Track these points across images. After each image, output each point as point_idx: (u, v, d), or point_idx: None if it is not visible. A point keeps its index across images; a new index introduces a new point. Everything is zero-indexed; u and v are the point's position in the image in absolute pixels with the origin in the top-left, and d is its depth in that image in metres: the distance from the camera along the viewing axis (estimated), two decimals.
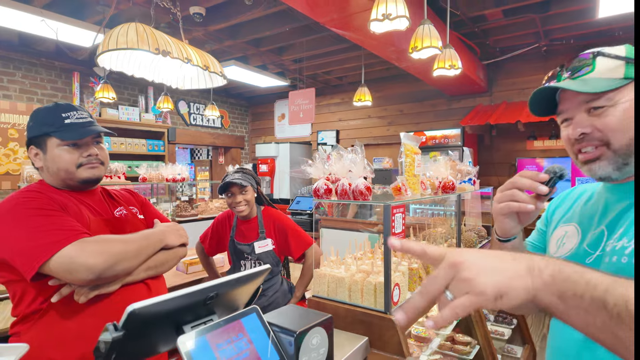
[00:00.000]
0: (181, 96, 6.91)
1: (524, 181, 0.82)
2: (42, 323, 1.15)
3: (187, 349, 0.76)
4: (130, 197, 1.48)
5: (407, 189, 1.65)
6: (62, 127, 1.20)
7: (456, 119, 5.55)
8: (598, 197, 0.92)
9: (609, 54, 0.79)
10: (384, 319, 1.35)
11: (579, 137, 0.81)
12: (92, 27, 3.64)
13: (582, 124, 0.81)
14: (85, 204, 1.28)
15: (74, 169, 1.22)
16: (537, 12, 3.90)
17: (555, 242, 0.94)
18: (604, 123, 0.78)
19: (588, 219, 0.89)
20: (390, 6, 1.88)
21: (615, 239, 0.79)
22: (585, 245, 0.86)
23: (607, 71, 0.79)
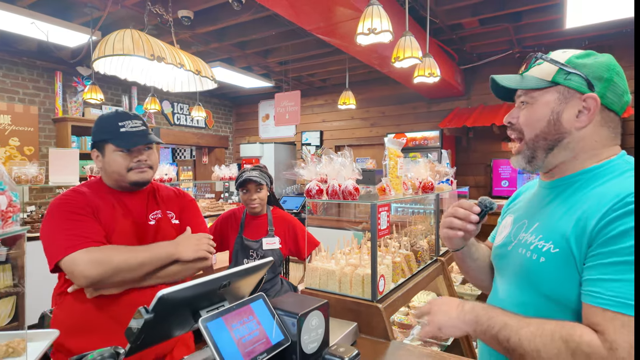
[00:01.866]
0: (165, 96, 6.91)
1: (460, 212, 0.98)
2: (63, 306, 1.31)
3: (206, 327, 0.88)
4: (174, 200, 1.54)
5: (391, 189, 1.81)
6: (118, 135, 1.35)
7: (435, 121, 5.78)
8: (533, 193, 1.03)
9: (551, 59, 0.87)
10: (371, 306, 1.50)
11: (507, 124, 0.95)
12: (79, 29, 3.66)
13: (512, 114, 0.93)
14: (124, 205, 1.40)
15: (124, 172, 1.36)
16: (510, 21, 4.15)
17: (500, 231, 1.07)
18: (522, 117, 0.90)
19: (521, 211, 1.00)
20: (376, 21, 2.03)
21: (530, 232, 0.89)
22: (511, 234, 0.97)
23: (543, 72, 0.88)
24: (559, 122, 0.85)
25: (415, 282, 1.83)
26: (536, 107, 0.88)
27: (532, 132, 0.88)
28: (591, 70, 0.84)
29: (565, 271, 0.78)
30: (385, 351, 1.38)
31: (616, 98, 0.84)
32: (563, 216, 0.83)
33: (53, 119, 5.31)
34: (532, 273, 0.85)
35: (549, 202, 0.90)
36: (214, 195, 5.75)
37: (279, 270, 2.16)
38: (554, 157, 0.88)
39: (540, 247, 0.84)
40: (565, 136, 0.86)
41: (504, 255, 0.97)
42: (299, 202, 5.31)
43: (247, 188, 2.11)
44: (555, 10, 3.77)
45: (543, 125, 0.87)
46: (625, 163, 0.84)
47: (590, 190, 0.82)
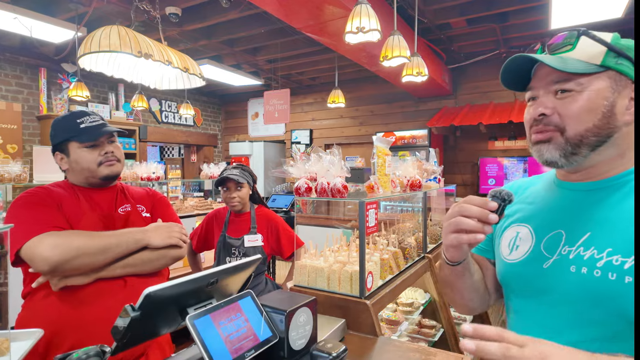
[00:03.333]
0: (153, 94, 6.83)
1: (473, 210, 0.75)
2: (28, 304, 1.27)
3: (194, 325, 0.88)
4: (144, 197, 1.54)
5: (379, 187, 1.82)
6: (80, 131, 1.34)
7: (423, 120, 5.83)
8: (547, 195, 0.87)
9: (594, 36, 0.73)
10: (359, 303, 1.51)
11: (539, 117, 0.77)
12: (63, 24, 3.60)
13: (546, 104, 0.76)
14: (91, 200, 1.38)
15: (95, 167, 1.36)
16: (497, 22, 4.21)
17: (507, 244, 0.89)
18: (567, 108, 0.74)
19: (543, 220, 0.84)
20: (364, 20, 2.05)
21: (580, 244, 0.75)
22: (542, 248, 0.81)
23: (588, 54, 0.74)
24: (613, 115, 0.72)
25: (403, 279, 1.85)
26: (587, 96, 0.73)
27: (581, 126, 0.73)
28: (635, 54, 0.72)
29: None
30: (373, 347, 1.40)
31: None
32: (632, 223, 0.69)
33: (37, 117, 5.20)
34: (613, 296, 0.68)
35: (596, 207, 0.76)
36: (202, 193, 5.71)
37: (263, 269, 2.16)
38: (598, 155, 0.75)
39: (618, 264, 0.68)
40: (615, 131, 0.73)
41: (538, 275, 0.79)
42: (288, 200, 5.31)
43: (227, 186, 2.12)
44: (541, 11, 3.83)
45: (597, 118, 0.72)
46: None
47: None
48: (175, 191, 7.91)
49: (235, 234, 2.15)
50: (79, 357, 0.78)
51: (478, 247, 1.01)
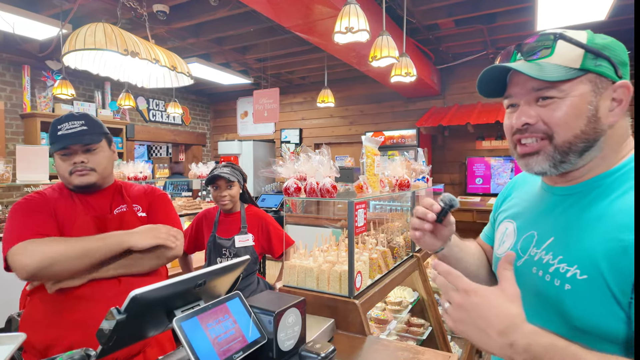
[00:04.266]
0: (140, 92, 6.74)
1: (419, 211, 0.89)
2: (30, 304, 1.31)
3: (181, 327, 0.87)
4: (142, 195, 1.52)
5: (368, 187, 1.83)
6: (56, 139, 1.34)
7: (412, 120, 5.87)
8: (535, 194, 0.89)
9: (570, 39, 0.70)
10: (348, 302, 1.52)
11: (522, 127, 0.75)
12: (47, 21, 3.52)
13: (528, 113, 0.74)
14: (86, 202, 1.40)
15: (67, 175, 1.37)
16: (485, 23, 4.26)
17: (498, 238, 0.93)
18: (551, 115, 0.71)
19: (525, 219, 0.87)
20: (353, 20, 2.05)
21: (544, 249, 0.77)
22: (518, 247, 0.84)
23: (566, 58, 0.71)
24: (598, 119, 0.70)
25: (392, 278, 1.87)
26: (570, 103, 0.70)
27: (569, 133, 0.71)
28: (615, 53, 0.70)
29: (599, 302, 0.65)
30: (362, 346, 1.40)
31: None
32: (585, 234, 0.70)
33: (21, 115, 5.09)
34: (556, 301, 0.71)
35: (563, 213, 0.76)
36: (191, 193, 5.66)
37: (255, 269, 2.15)
38: (584, 160, 0.73)
39: (563, 272, 0.70)
40: (602, 134, 0.71)
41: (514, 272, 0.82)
42: (278, 200, 5.30)
43: (217, 184, 2.10)
44: (527, 12, 3.89)
45: (583, 124, 0.70)
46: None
47: (614, 201, 0.69)
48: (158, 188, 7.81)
49: (226, 234, 2.14)
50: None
51: (486, 236, 1.07)
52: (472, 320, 0.65)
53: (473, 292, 0.65)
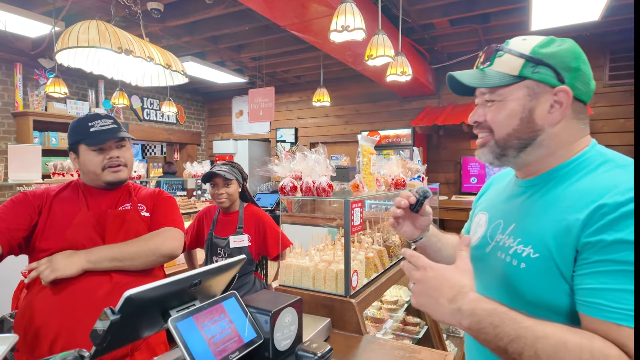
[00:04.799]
0: (134, 91, 6.69)
1: (396, 200, 1.00)
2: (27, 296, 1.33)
3: (176, 327, 0.86)
4: (149, 197, 1.55)
5: (364, 186, 1.83)
6: (89, 135, 1.39)
7: (407, 119, 5.88)
8: (505, 187, 0.97)
9: (509, 50, 0.80)
10: (344, 302, 1.51)
11: (474, 124, 0.88)
12: (40, 18, 3.48)
13: (478, 112, 0.87)
14: (93, 199, 1.44)
15: (99, 171, 1.41)
16: (479, 22, 4.27)
17: (472, 228, 1.01)
18: (492, 116, 0.83)
19: (495, 210, 0.95)
20: (349, 18, 2.04)
21: (507, 234, 0.84)
22: (487, 235, 0.92)
23: (507, 66, 0.80)
24: (532, 120, 0.80)
25: (388, 277, 1.87)
26: (506, 105, 0.81)
27: (504, 131, 0.82)
28: (559, 60, 0.77)
29: (548, 277, 0.73)
30: (358, 345, 1.40)
31: (584, 87, 0.79)
32: (540, 218, 0.78)
33: (13, 113, 5.03)
34: (513, 280, 0.80)
35: (524, 202, 0.86)
36: (185, 192, 5.63)
37: (250, 270, 2.12)
38: (527, 155, 0.83)
39: (520, 252, 0.78)
40: (539, 134, 0.80)
41: (482, 257, 0.91)
42: (273, 199, 5.28)
43: (215, 182, 2.09)
44: (522, 12, 3.91)
45: (516, 124, 0.81)
46: (598, 154, 0.79)
47: (567, 187, 0.77)
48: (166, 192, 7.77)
49: (223, 234, 2.12)
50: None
51: (467, 231, 1.12)
52: (428, 291, 0.74)
53: (430, 267, 0.76)
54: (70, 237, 1.34)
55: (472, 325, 0.69)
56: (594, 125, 4.84)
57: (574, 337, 0.63)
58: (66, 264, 1.26)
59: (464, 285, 0.72)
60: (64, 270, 1.26)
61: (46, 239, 1.33)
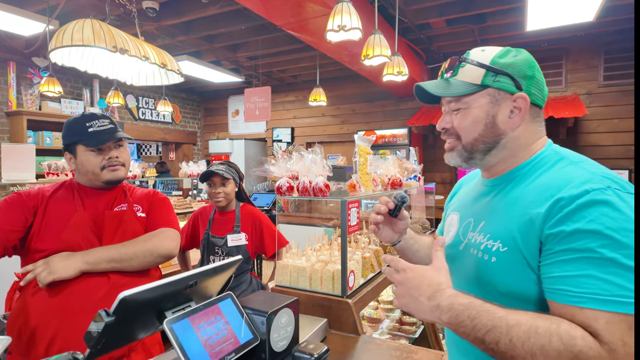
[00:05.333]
0: (129, 90, 6.65)
1: (375, 206, 1.06)
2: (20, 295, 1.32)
3: (172, 329, 0.86)
4: (144, 197, 1.56)
5: (361, 185, 1.83)
6: (87, 135, 1.39)
7: (404, 119, 5.89)
8: (474, 187, 1.02)
9: (471, 61, 0.86)
10: (341, 302, 1.51)
11: (442, 130, 0.93)
12: (34, 17, 3.45)
13: (445, 120, 0.92)
14: (88, 199, 1.43)
15: (98, 171, 1.41)
16: (475, 23, 4.28)
17: (445, 228, 1.06)
18: (459, 123, 0.89)
19: (465, 209, 1.00)
20: (345, 18, 2.04)
21: (478, 231, 0.89)
22: (459, 233, 0.96)
23: (470, 76, 0.86)
24: (495, 125, 0.86)
25: (384, 277, 1.87)
26: (471, 112, 0.87)
27: (470, 136, 0.88)
28: (516, 69, 0.84)
29: (517, 268, 0.78)
30: (355, 346, 1.40)
31: (539, 93, 0.86)
32: (506, 214, 0.83)
33: (6, 113, 4.98)
34: (486, 273, 0.84)
35: (491, 200, 0.91)
36: (181, 192, 5.61)
37: (247, 268, 2.13)
38: (492, 157, 0.89)
39: (490, 247, 0.83)
40: (502, 137, 0.87)
41: (456, 255, 0.95)
42: (269, 199, 5.27)
43: (212, 181, 2.09)
44: (517, 13, 3.92)
45: (481, 129, 0.87)
46: (554, 153, 0.86)
47: (528, 184, 0.83)
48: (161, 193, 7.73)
49: (219, 233, 2.12)
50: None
51: (440, 232, 1.17)
52: (408, 291, 0.79)
53: (409, 269, 0.81)
54: (66, 238, 1.32)
55: (451, 319, 0.74)
56: (589, 125, 4.87)
57: (543, 323, 0.68)
58: (64, 266, 1.25)
59: (441, 283, 0.77)
60: (62, 272, 1.25)
61: (42, 240, 1.32)
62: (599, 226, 0.68)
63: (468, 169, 0.96)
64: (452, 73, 0.89)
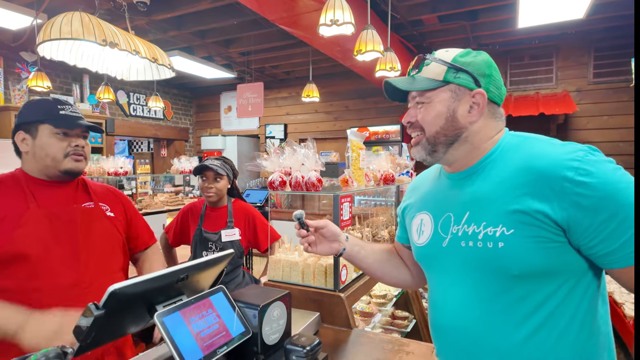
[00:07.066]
0: (120, 85, 6.58)
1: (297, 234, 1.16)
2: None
3: (163, 323, 0.85)
4: (107, 193, 1.46)
5: (353, 180, 1.83)
6: (58, 117, 1.26)
7: (396, 115, 5.90)
8: (435, 185, 1.03)
9: (435, 59, 0.91)
10: (334, 296, 1.51)
11: (407, 124, 0.97)
12: (21, 10, 3.39)
13: (410, 114, 0.96)
14: (42, 194, 1.27)
15: (60, 158, 1.26)
16: (467, 19, 4.30)
17: (415, 230, 1.03)
18: (422, 117, 0.92)
19: (436, 207, 0.99)
20: (338, 12, 2.03)
21: (464, 222, 0.89)
22: (439, 230, 0.96)
23: (433, 72, 0.90)
24: (455, 119, 0.90)
25: None
26: (433, 106, 0.91)
27: (433, 129, 0.91)
28: (475, 67, 0.89)
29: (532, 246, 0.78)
30: (347, 339, 1.40)
31: (497, 91, 0.91)
32: (494, 199, 0.85)
33: None
34: (493, 260, 0.83)
35: (467, 191, 0.92)
36: (173, 189, 5.57)
37: (240, 263, 2.13)
38: (455, 151, 0.92)
39: (492, 234, 0.83)
40: (463, 131, 0.90)
41: (439, 252, 0.94)
42: (262, 195, 5.26)
43: (205, 175, 2.07)
44: (509, 9, 3.94)
45: (442, 122, 0.90)
46: (514, 136, 0.92)
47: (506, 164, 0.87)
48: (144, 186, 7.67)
49: (212, 228, 2.11)
50: (37, 359, 0.73)
51: (398, 236, 1.19)
52: None
53: None
54: (19, 239, 1.17)
55: None
56: (579, 122, 4.93)
57: None
58: None
59: None
60: None
61: None
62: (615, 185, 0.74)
63: (432, 163, 0.99)
64: (417, 70, 0.94)
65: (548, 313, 0.81)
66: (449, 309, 0.92)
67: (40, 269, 1.19)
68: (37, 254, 1.19)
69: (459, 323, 0.90)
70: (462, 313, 0.89)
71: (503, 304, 0.84)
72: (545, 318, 0.81)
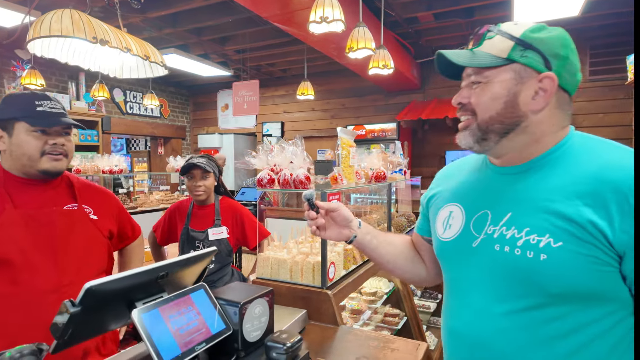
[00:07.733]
0: (116, 83, 6.56)
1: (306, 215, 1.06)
2: None
3: (141, 319, 0.85)
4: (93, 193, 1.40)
5: (343, 178, 1.82)
6: (34, 114, 1.19)
7: (393, 113, 5.89)
8: (476, 177, 0.92)
9: (499, 31, 0.78)
10: (321, 293, 1.52)
11: (458, 105, 0.85)
12: (13, 7, 3.37)
13: (462, 94, 0.84)
14: (20, 193, 1.23)
15: (37, 157, 1.21)
16: (463, 17, 4.29)
17: (441, 223, 0.93)
18: (477, 98, 0.80)
19: (472, 200, 0.88)
20: (327, 10, 2.03)
21: (503, 224, 0.79)
22: (471, 227, 0.85)
23: (497, 48, 0.78)
24: (516, 104, 0.77)
25: (367, 269, 1.88)
26: (491, 87, 0.79)
27: (487, 114, 0.80)
28: (548, 46, 0.76)
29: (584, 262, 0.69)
30: (334, 336, 1.40)
31: (571, 78, 0.79)
32: (548, 203, 0.74)
33: None
34: (532, 273, 0.73)
35: (515, 189, 0.81)
36: (169, 187, 5.57)
37: (229, 261, 2.12)
38: (509, 142, 0.80)
39: (535, 243, 0.73)
40: (522, 120, 0.78)
41: (468, 251, 0.84)
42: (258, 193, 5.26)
43: (192, 174, 2.06)
44: (505, 7, 3.93)
45: (499, 107, 0.78)
46: (581, 135, 0.82)
47: (570, 167, 0.76)
48: (142, 185, 7.67)
49: (199, 227, 2.10)
50: (11, 357, 0.73)
51: (419, 228, 1.09)
52: None
53: None
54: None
55: None
56: (574, 120, 4.93)
57: None
58: None
59: None
60: None
61: None
62: None
63: (478, 152, 0.87)
64: (477, 44, 0.81)
65: (585, 341, 0.71)
66: (467, 315, 0.83)
67: (18, 274, 1.16)
68: (14, 259, 1.15)
69: (476, 332, 0.81)
70: (480, 321, 0.81)
71: (529, 320, 0.74)
72: (580, 346, 0.72)
